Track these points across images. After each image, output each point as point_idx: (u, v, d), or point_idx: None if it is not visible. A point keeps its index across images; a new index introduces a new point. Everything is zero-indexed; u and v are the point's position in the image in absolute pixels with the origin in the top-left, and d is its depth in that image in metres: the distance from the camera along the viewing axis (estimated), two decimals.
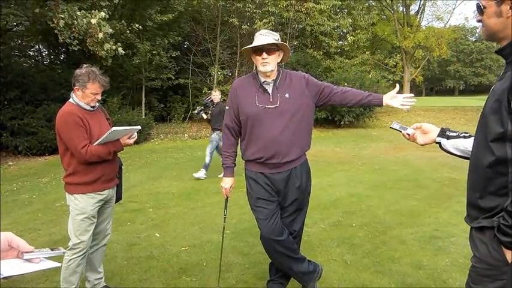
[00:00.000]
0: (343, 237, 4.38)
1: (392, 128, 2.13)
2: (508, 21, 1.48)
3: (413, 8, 26.21)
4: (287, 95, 2.78)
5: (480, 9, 1.56)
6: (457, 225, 4.58)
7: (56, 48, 16.68)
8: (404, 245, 4.12)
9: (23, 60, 15.63)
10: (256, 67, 2.87)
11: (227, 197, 3.10)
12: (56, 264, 0.97)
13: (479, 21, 1.59)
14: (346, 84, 16.21)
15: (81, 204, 2.88)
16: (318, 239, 4.33)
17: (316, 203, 5.64)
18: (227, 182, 2.99)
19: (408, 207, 5.49)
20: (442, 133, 1.92)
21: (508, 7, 1.46)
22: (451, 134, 1.90)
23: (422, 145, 2.03)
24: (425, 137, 1.99)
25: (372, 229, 4.64)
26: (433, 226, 4.70)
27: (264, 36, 2.77)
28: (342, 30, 21.61)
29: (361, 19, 20.18)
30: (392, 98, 2.77)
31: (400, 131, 2.08)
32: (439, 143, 1.92)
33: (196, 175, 7.76)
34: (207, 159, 7.82)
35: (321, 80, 3.20)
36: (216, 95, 7.85)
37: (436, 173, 7.62)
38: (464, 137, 1.84)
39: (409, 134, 2.04)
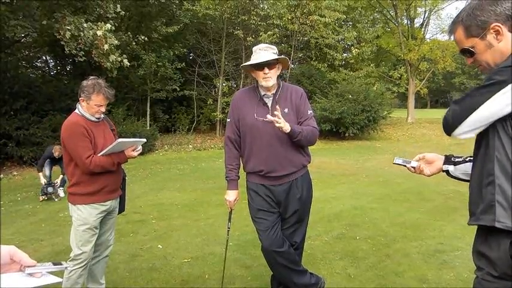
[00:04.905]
0: (346, 250, 4.34)
1: (395, 163, 2.10)
2: (500, 45, 1.50)
3: (418, 20, 26.32)
4: (286, 110, 2.79)
5: (470, 52, 1.56)
6: (462, 238, 4.53)
7: (62, 59, 16.92)
8: (409, 259, 4.08)
9: (30, 71, 15.79)
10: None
11: (231, 210, 3.09)
12: (58, 279, 0.97)
13: (472, 63, 1.59)
14: (350, 96, 16.22)
15: (84, 215, 2.89)
16: (321, 252, 4.30)
17: (320, 215, 5.62)
18: (231, 195, 2.98)
19: (412, 220, 5.45)
20: (448, 160, 1.89)
21: (491, 34, 1.49)
22: (457, 159, 1.86)
23: (429, 176, 1.98)
24: (432, 167, 1.95)
25: (375, 242, 4.60)
26: (437, 239, 4.65)
27: (264, 52, 2.77)
28: (347, 43, 21.73)
29: (366, 32, 20.31)
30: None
31: (405, 165, 2.04)
32: (447, 171, 1.89)
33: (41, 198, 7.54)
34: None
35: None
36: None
37: (440, 186, 7.56)
38: (471, 160, 1.80)
39: (414, 167, 2.00)
